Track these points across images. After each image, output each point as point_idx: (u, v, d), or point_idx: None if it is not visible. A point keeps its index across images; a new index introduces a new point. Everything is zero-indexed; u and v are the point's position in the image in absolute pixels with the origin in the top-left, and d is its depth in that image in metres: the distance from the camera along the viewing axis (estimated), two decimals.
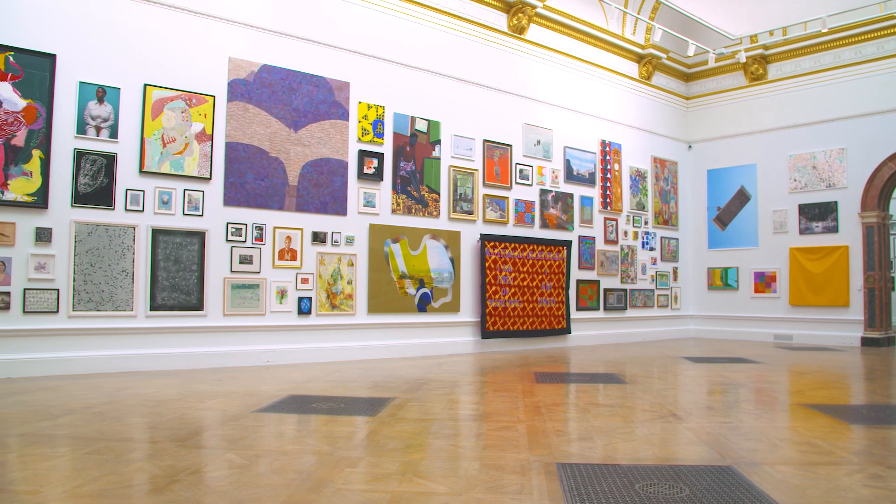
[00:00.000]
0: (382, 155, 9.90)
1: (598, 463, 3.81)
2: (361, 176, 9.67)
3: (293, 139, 9.06)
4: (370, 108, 9.83)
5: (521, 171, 11.74)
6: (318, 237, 9.22)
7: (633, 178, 13.91)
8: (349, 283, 9.46)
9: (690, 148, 15.45)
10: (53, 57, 7.42)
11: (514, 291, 11.18)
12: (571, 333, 12.16)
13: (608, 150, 13.36)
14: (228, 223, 8.52)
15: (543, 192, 12.10)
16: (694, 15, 13.06)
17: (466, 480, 3.45)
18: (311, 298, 9.11)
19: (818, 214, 13.18)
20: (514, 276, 11.19)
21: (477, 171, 11.10)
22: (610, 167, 13.36)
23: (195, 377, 7.33)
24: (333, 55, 9.58)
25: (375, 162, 9.80)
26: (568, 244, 12.08)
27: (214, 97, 8.50)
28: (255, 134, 8.76)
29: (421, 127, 10.39)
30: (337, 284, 9.33)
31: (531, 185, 11.93)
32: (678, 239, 14.96)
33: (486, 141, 11.26)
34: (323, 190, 9.29)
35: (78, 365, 7.40)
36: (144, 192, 7.96)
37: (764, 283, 13.91)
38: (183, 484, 3.33)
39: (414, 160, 10.28)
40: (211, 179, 8.43)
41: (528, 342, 11.50)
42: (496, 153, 11.38)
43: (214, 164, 8.48)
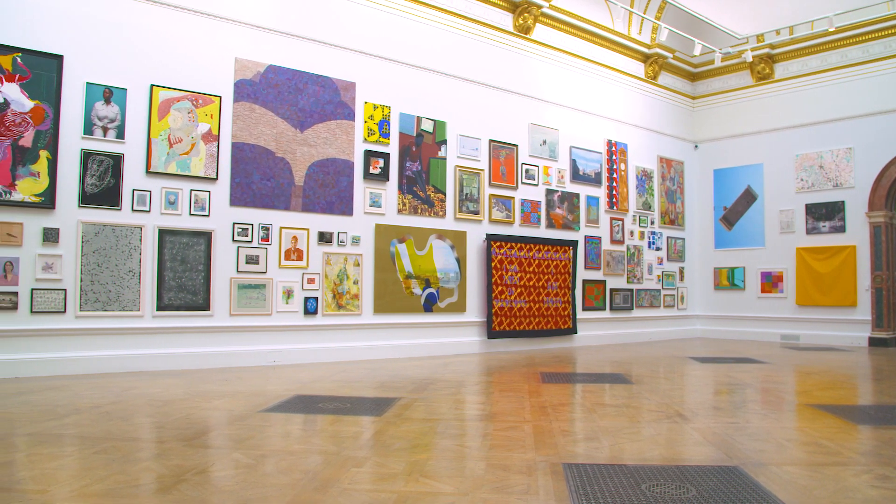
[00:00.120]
0: (388, 155, 9.90)
1: (604, 463, 3.81)
2: (367, 176, 9.68)
3: (299, 139, 9.07)
4: (376, 108, 9.84)
5: (527, 171, 11.73)
6: (324, 237, 9.23)
7: (639, 177, 13.88)
8: (355, 283, 9.47)
9: (697, 148, 15.42)
10: (60, 58, 7.44)
11: (520, 291, 11.17)
12: (577, 333, 12.14)
13: (614, 149, 13.34)
14: (235, 223, 8.54)
15: (549, 191, 12.09)
16: (700, 14, 13.03)
17: (473, 480, 3.45)
18: (317, 298, 9.12)
19: (825, 214, 13.14)
20: (520, 276, 11.18)
21: (483, 171, 11.10)
22: (616, 167, 13.35)
23: (202, 377, 7.34)
24: (339, 55, 9.59)
25: (381, 162, 9.80)
26: (574, 244, 12.06)
27: (221, 97, 8.52)
28: (261, 134, 8.78)
29: (427, 127, 10.40)
30: (343, 284, 9.34)
31: (537, 185, 11.92)
32: (684, 239, 14.93)
33: (492, 141, 11.26)
34: (329, 190, 9.30)
35: (85, 365, 7.42)
36: (151, 192, 7.98)
37: (771, 282, 13.87)
38: (190, 483, 3.34)
39: (420, 160, 10.28)
40: (217, 180, 8.45)
41: (534, 342, 11.49)
42: (502, 153, 11.38)
43: (221, 164, 8.49)
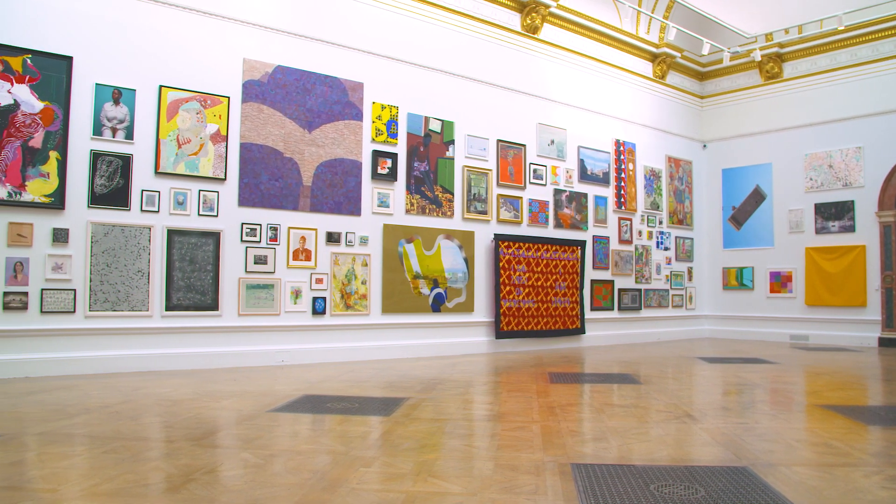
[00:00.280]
0: (396, 155, 9.91)
1: (612, 463, 3.80)
2: (375, 176, 9.69)
3: (307, 140, 9.09)
4: (384, 108, 9.85)
5: (534, 170, 11.72)
6: (332, 237, 9.24)
7: (647, 177, 13.85)
8: (363, 283, 9.48)
9: (705, 147, 15.37)
10: (70, 59, 7.48)
11: (528, 291, 11.16)
12: (586, 333, 12.13)
13: (622, 149, 13.32)
14: (243, 223, 8.56)
15: (557, 191, 12.07)
16: (708, 13, 13.00)
17: (481, 480, 3.45)
18: (325, 298, 9.13)
19: (834, 214, 13.08)
20: (528, 276, 11.17)
21: (491, 170, 11.09)
22: (624, 167, 13.32)
23: (210, 377, 7.36)
24: (347, 56, 9.60)
25: (389, 162, 9.81)
26: (582, 244, 12.05)
27: (229, 98, 8.54)
28: (269, 134, 8.80)
29: (435, 127, 10.40)
30: (351, 284, 9.35)
31: (545, 184, 11.91)
32: (693, 239, 14.89)
33: (499, 141, 11.25)
34: (337, 190, 9.31)
35: (94, 364, 7.46)
36: (160, 192, 8.01)
37: (780, 282, 13.82)
38: (198, 483, 3.35)
39: (428, 160, 10.28)
40: (226, 180, 8.47)
41: (542, 342, 11.48)
42: (510, 153, 11.37)
43: (229, 164, 8.52)
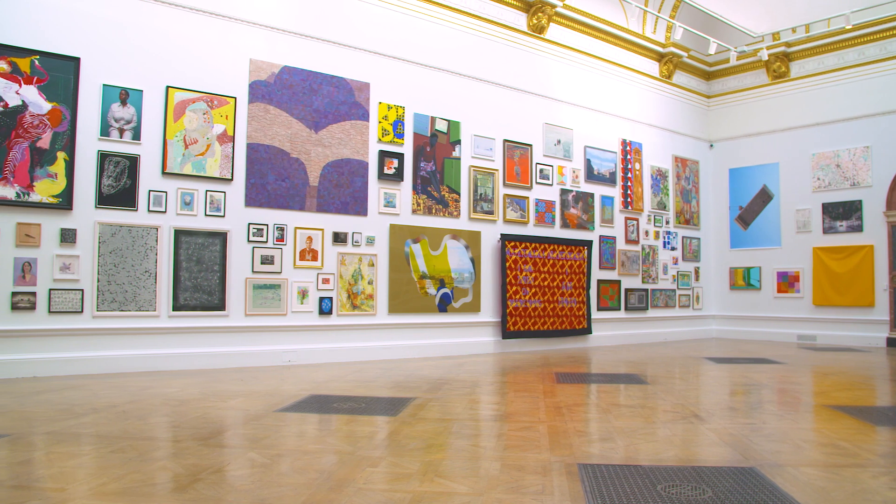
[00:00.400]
0: (403, 155, 9.92)
1: (619, 464, 3.79)
2: (382, 176, 9.69)
3: (314, 140, 9.10)
4: (390, 108, 9.85)
5: (541, 170, 11.71)
6: (338, 237, 9.25)
7: (654, 177, 13.83)
8: (370, 283, 9.48)
9: (712, 147, 15.34)
10: (77, 60, 7.51)
11: (534, 291, 11.15)
12: (592, 333, 12.11)
13: (629, 149, 13.30)
14: (250, 224, 8.57)
15: (564, 191, 12.06)
16: (715, 13, 12.97)
17: (487, 480, 3.45)
18: (332, 298, 9.14)
19: (842, 213, 13.03)
20: (534, 276, 11.17)
21: (497, 170, 11.09)
22: (631, 166, 13.30)
23: (217, 377, 7.38)
24: (353, 56, 9.61)
25: (396, 162, 9.81)
26: (589, 244, 12.03)
27: (236, 98, 8.56)
28: (275, 135, 8.81)
29: (441, 127, 10.40)
30: (358, 284, 9.36)
31: (551, 184, 11.89)
32: (700, 238, 14.85)
33: (506, 141, 11.25)
34: (343, 190, 9.32)
35: (102, 364, 7.48)
36: (167, 193, 8.03)
37: (787, 282, 13.77)
38: (206, 483, 3.35)
39: (434, 160, 10.28)
40: (232, 180, 8.49)
41: (548, 342, 11.47)
42: (516, 153, 11.36)
43: (236, 165, 8.53)
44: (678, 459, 3.92)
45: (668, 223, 14.09)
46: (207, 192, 8.31)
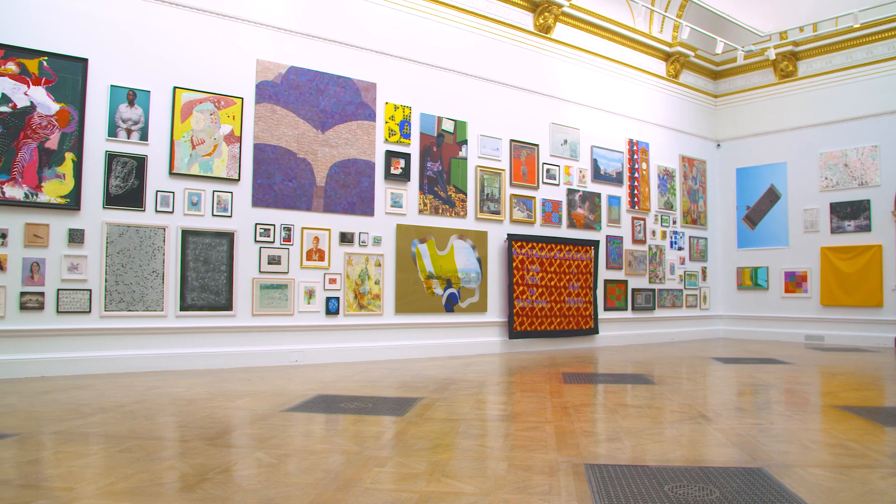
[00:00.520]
0: (409, 155, 9.92)
1: (626, 464, 3.79)
2: (388, 176, 9.70)
3: (320, 140, 9.11)
4: (397, 108, 9.86)
5: (548, 170, 11.70)
6: (345, 238, 9.26)
7: (660, 177, 13.80)
8: (377, 283, 9.49)
9: (719, 146, 15.30)
10: (85, 61, 7.53)
11: (541, 291, 11.14)
12: (599, 334, 12.09)
13: (636, 149, 13.27)
14: (257, 224, 8.59)
15: (571, 191, 12.04)
16: (722, 12, 12.93)
17: (494, 481, 3.44)
18: (338, 298, 9.15)
19: (850, 213, 12.98)
20: (541, 276, 11.16)
21: (504, 170, 11.08)
22: (637, 166, 13.27)
23: (224, 376, 7.40)
24: (360, 56, 9.62)
25: (402, 162, 9.82)
26: (595, 244, 12.01)
27: (242, 99, 8.58)
28: (282, 135, 8.83)
29: (448, 127, 10.40)
30: (364, 285, 9.37)
31: (558, 184, 11.88)
32: (707, 238, 14.82)
33: (512, 141, 11.24)
34: (350, 190, 9.33)
35: (109, 364, 7.51)
36: (174, 193, 8.05)
37: (794, 282, 13.72)
38: (213, 482, 3.36)
39: (441, 160, 10.29)
40: (239, 181, 8.51)
41: (555, 342, 11.46)
42: (523, 153, 11.36)
43: (243, 165, 8.55)
44: (685, 460, 3.91)
45: (675, 223, 14.06)
46: (214, 192, 8.33)
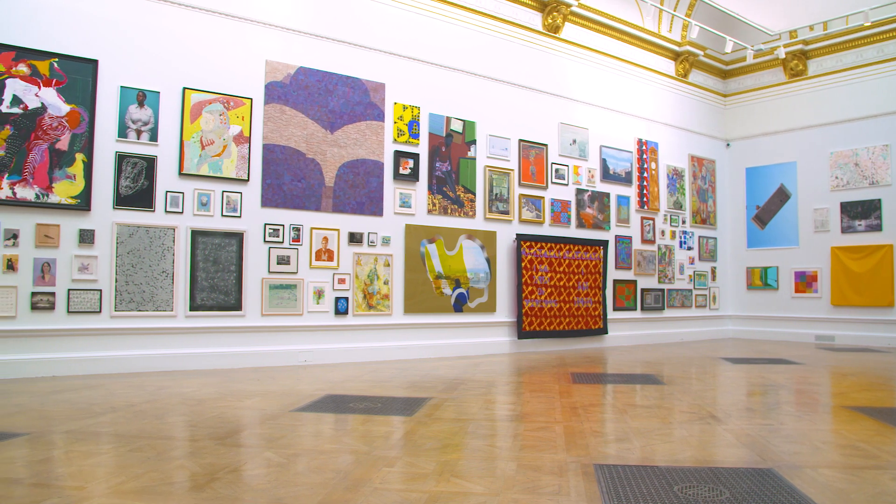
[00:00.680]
0: (418, 155, 9.93)
1: (636, 464, 3.78)
2: (397, 176, 9.71)
3: (329, 140, 9.13)
4: (405, 108, 9.86)
5: (556, 170, 11.69)
6: (354, 238, 9.27)
7: (670, 176, 13.76)
8: (385, 283, 9.50)
9: (729, 146, 15.25)
10: (95, 62, 7.57)
11: (550, 291, 11.13)
12: (608, 334, 12.07)
13: (645, 148, 13.24)
14: (266, 224, 8.61)
15: (579, 191, 12.02)
16: (731, 11, 12.89)
17: (503, 481, 3.44)
18: (347, 299, 9.17)
19: (861, 213, 12.91)
20: (550, 276, 11.14)
21: (512, 170, 11.07)
22: (647, 166, 13.24)
23: (234, 376, 7.42)
24: (369, 57, 9.63)
25: (411, 162, 9.83)
26: (605, 244, 11.99)
27: (252, 99, 8.60)
28: (291, 135, 8.84)
29: (456, 127, 10.40)
30: (373, 285, 9.38)
31: (567, 184, 11.86)
32: (716, 238, 14.77)
33: (521, 141, 11.23)
34: (359, 191, 9.34)
35: (120, 364, 7.54)
36: (184, 193, 8.08)
37: (805, 282, 13.66)
38: (223, 482, 3.37)
39: (449, 160, 10.29)
40: (249, 181, 8.53)
41: (564, 342, 11.44)
42: (532, 153, 11.34)
43: (252, 165, 8.57)
44: (695, 460, 3.90)
45: (684, 223, 14.02)
46: (224, 192, 8.36)
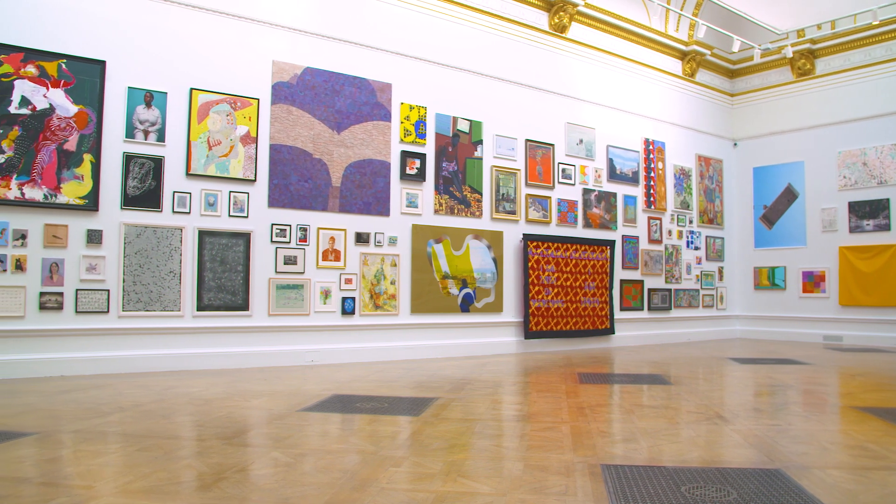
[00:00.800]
0: (425, 155, 9.93)
1: (643, 465, 3.77)
2: (404, 177, 9.71)
3: (336, 141, 9.14)
4: (412, 108, 9.87)
5: (563, 170, 11.67)
6: (361, 238, 9.28)
7: (677, 176, 13.73)
8: (392, 283, 9.50)
9: (736, 145, 15.20)
10: (103, 63, 7.60)
11: (557, 291, 11.12)
12: (615, 334, 12.05)
13: (651, 148, 13.22)
14: (273, 224, 8.62)
15: (586, 191, 12.01)
16: (738, 10, 12.85)
17: (510, 481, 3.44)
18: (354, 299, 9.17)
19: (869, 212, 12.86)
20: (557, 276, 11.13)
21: (519, 170, 11.06)
22: (653, 166, 13.22)
23: (241, 376, 7.43)
24: (375, 57, 9.63)
25: (418, 162, 9.83)
26: (611, 244, 11.97)
27: (259, 100, 8.62)
28: (298, 136, 8.86)
29: (463, 127, 10.40)
30: (380, 285, 9.38)
31: (574, 184, 11.85)
32: (723, 238, 14.73)
33: (528, 140, 11.22)
34: (366, 191, 9.35)
35: (127, 364, 7.56)
36: (191, 194, 8.10)
37: (812, 282, 13.61)
38: (230, 481, 3.38)
39: (456, 160, 10.28)
40: (255, 181, 8.55)
41: (571, 342, 11.43)
42: (538, 153, 11.33)
43: (259, 166, 8.59)
44: (702, 461, 3.89)
45: (691, 223, 13.98)
46: (231, 192, 8.38)
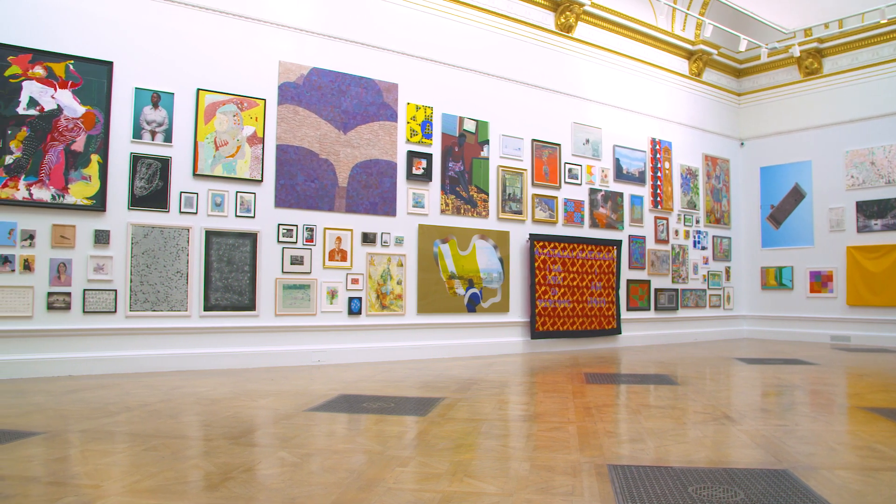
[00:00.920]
0: (431, 156, 9.93)
1: (649, 465, 3.77)
2: (410, 177, 9.71)
3: (342, 141, 9.15)
4: (418, 108, 9.87)
5: (570, 170, 11.66)
6: (367, 238, 9.29)
7: (683, 176, 13.70)
8: (399, 283, 9.51)
9: (743, 145, 15.16)
10: (110, 64, 7.62)
11: (563, 291, 11.11)
12: (622, 334, 12.03)
13: (658, 148, 13.19)
14: (279, 224, 8.64)
15: (593, 191, 11.99)
16: (745, 9, 12.81)
17: (517, 481, 3.44)
18: (361, 299, 9.18)
19: (877, 212, 12.81)
20: (563, 276, 11.12)
21: (525, 170, 11.06)
22: (660, 165, 13.19)
23: (248, 376, 7.45)
24: (382, 57, 9.64)
25: (424, 163, 9.83)
26: (618, 244, 11.96)
27: (265, 100, 8.63)
28: (305, 136, 8.87)
29: (469, 127, 10.40)
30: (387, 285, 9.39)
31: (580, 184, 11.84)
32: (730, 238, 14.69)
33: (534, 140, 11.21)
34: (372, 191, 9.36)
35: (135, 363, 7.59)
36: (198, 194, 8.12)
37: (820, 282, 13.56)
38: (237, 481, 3.39)
39: (462, 160, 10.28)
40: (262, 181, 8.56)
41: (577, 342, 11.41)
42: (545, 153, 11.32)
43: (265, 166, 8.60)
44: (709, 461, 3.88)
45: (698, 222, 13.95)
46: (238, 193, 8.39)
